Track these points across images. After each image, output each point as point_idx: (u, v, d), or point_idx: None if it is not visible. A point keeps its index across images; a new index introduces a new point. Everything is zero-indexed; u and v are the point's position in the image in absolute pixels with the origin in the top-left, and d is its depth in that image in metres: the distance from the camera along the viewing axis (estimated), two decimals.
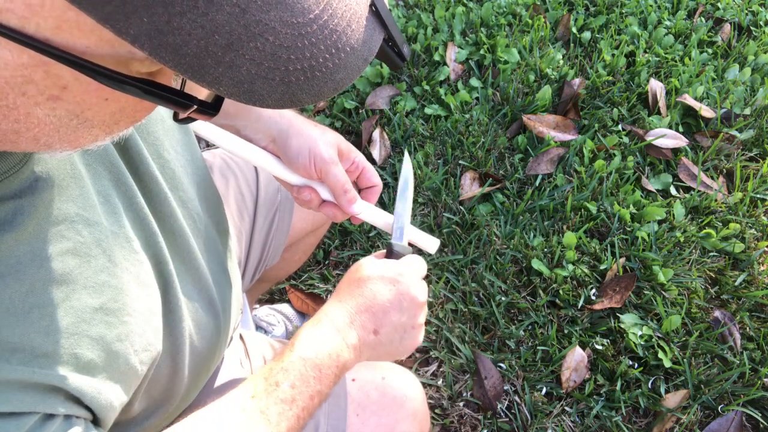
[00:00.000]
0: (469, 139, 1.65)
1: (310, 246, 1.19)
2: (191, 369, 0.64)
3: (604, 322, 1.38)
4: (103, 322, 0.48)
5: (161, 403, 0.63)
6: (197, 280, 0.65)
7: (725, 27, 1.99)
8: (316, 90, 0.34)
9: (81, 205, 0.48)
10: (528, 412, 1.30)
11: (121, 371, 0.50)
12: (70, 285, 0.46)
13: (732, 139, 1.69)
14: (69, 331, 0.45)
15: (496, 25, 1.90)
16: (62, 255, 0.46)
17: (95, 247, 0.49)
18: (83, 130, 0.36)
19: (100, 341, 0.47)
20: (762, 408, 1.29)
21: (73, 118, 0.35)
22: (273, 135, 0.74)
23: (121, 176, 0.54)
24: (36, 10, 0.28)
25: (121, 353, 0.49)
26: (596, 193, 1.58)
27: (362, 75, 1.76)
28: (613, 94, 1.76)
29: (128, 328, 0.50)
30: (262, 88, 0.32)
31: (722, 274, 1.47)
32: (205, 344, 0.66)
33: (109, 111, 0.36)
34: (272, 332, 1.36)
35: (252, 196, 0.98)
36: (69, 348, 0.45)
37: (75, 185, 0.48)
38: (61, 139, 0.37)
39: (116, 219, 0.52)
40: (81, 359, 0.46)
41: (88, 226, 0.48)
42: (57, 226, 0.46)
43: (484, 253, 1.48)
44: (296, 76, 0.32)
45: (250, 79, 0.31)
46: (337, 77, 0.34)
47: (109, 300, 0.49)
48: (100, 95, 0.34)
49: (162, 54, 0.28)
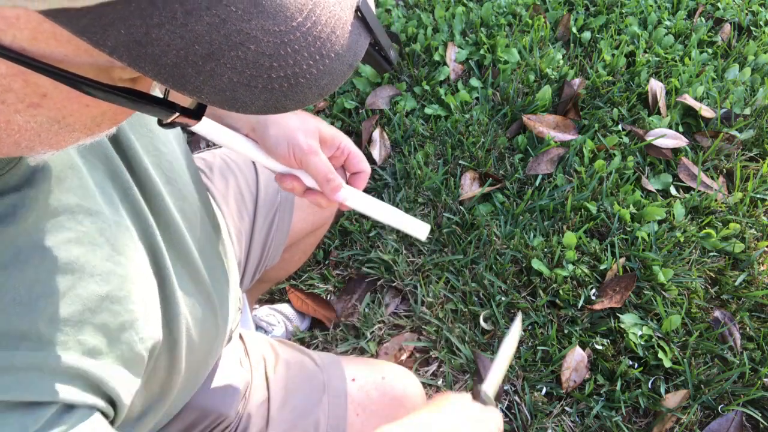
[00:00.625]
0: (469, 139, 1.65)
1: (310, 246, 1.19)
2: (188, 364, 0.64)
3: (604, 322, 1.38)
4: (107, 310, 0.48)
5: (158, 398, 0.63)
6: (193, 274, 0.65)
7: (725, 27, 1.99)
8: (300, 96, 0.34)
9: (81, 195, 0.48)
10: (528, 412, 1.30)
11: (125, 359, 0.50)
12: (76, 273, 0.46)
13: (732, 139, 1.69)
14: (74, 319, 0.45)
15: (496, 25, 1.90)
16: (65, 244, 0.46)
17: (99, 236, 0.49)
18: (64, 134, 0.36)
19: (104, 329, 0.47)
20: (762, 408, 1.29)
21: (54, 123, 0.35)
22: (252, 124, 0.73)
23: (116, 168, 0.54)
24: (12, 22, 0.28)
25: (124, 341, 0.49)
26: (596, 193, 1.58)
27: (362, 75, 1.76)
28: (613, 94, 1.76)
29: (132, 316, 0.50)
30: (244, 95, 0.32)
31: (722, 274, 1.47)
32: (203, 339, 0.66)
33: (90, 115, 0.36)
34: (272, 332, 1.36)
35: (252, 196, 0.98)
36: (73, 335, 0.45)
37: (74, 176, 0.49)
38: (42, 142, 0.37)
39: (115, 209, 0.53)
40: (85, 345, 0.46)
41: (90, 215, 0.49)
42: (57, 217, 0.46)
43: (484, 253, 1.48)
44: (279, 83, 0.32)
45: (232, 87, 0.31)
46: (322, 83, 0.34)
47: (116, 288, 0.49)
48: (81, 102, 0.34)
49: (141, 65, 0.28)
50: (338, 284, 1.49)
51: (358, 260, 1.51)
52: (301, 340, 1.41)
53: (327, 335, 1.41)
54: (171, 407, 0.69)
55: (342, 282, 1.50)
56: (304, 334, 1.41)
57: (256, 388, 0.86)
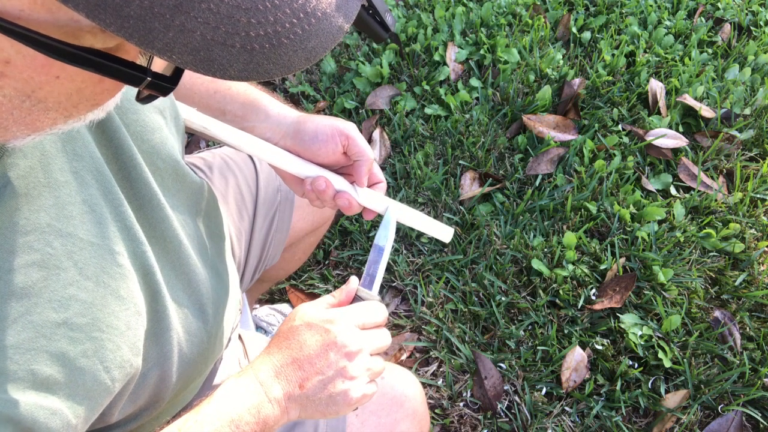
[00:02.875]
0: (469, 139, 1.65)
1: (310, 246, 1.19)
2: (180, 375, 0.63)
3: (604, 322, 1.38)
4: (66, 338, 0.46)
5: (146, 407, 0.62)
6: (188, 285, 0.64)
7: (725, 27, 1.99)
8: (285, 60, 0.31)
9: (54, 216, 0.47)
10: (528, 412, 1.30)
11: (87, 388, 0.48)
12: (32, 298, 0.44)
13: (732, 139, 1.69)
14: (25, 346, 0.43)
15: (496, 25, 1.90)
16: (26, 267, 0.44)
17: (66, 260, 0.47)
18: (38, 112, 0.34)
19: (62, 357, 0.45)
20: (762, 408, 1.29)
21: (24, 98, 0.33)
22: (283, 130, 0.74)
23: (107, 185, 0.53)
24: None
25: (87, 369, 0.47)
26: (596, 193, 1.58)
27: (362, 75, 1.76)
28: (613, 94, 1.76)
29: (97, 344, 0.48)
30: (221, 56, 0.29)
31: (722, 274, 1.47)
32: (194, 350, 0.65)
33: (64, 91, 0.34)
34: (272, 332, 1.36)
35: (252, 196, 0.98)
36: (25, 364, 0.43)
37: (49, 194, 0.47)
38: (16, 121, 0.35)
39: (101, 230, 0.51)
40: (38, 375, 0.43)
41: (60, 237, 0.47)
42: (25, 237, 0.44)
43: (484, 253, 1.48)
44: (260, 42, 0.29)
45: (206, 46, 0.28)
46: (309, 45, 0.31)
47: (76, 314, 0.47)
48: (49, 72, 0.32)
49: (101, 16, 0.26)
50: (338, 284, 1.49)
51: (358, 260, 1.51)
52: None
53: None
54: (163, 413, 0.69)
55: (342, 282, 1.50)
56: None
57: None
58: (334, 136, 0.71)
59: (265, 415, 0.59)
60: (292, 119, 0.74)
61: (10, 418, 0.42)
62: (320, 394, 0.61)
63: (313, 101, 1.79)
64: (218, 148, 1.03)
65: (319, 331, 0.62)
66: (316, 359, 0.61)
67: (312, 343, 0.62)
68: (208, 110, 0.75)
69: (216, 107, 0.76)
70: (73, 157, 0.50)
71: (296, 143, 0.73)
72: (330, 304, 0.68)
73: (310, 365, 0.61)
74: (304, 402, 0.61)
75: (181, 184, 0.67)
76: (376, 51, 1.84)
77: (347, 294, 0.69)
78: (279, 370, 0.61)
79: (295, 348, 0.62)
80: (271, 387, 0.60)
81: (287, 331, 0.64)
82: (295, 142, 0.73)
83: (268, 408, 0.59)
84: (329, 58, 1.82)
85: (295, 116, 0.75)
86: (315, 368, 0.61)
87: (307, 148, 0.72)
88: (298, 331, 0.63)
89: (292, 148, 0.74)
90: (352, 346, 0.62)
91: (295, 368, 0.61)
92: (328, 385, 0.61)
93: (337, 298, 0.68)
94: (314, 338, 0.62)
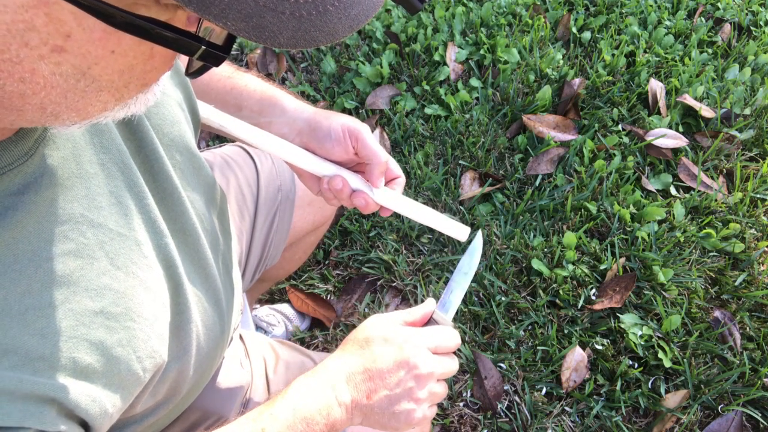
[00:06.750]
0: (469, 139, 1.65)
1: (310, 246, 1.19)
2: (196, 368, 0.64)
3: (604, 322, 1.38)
4: (103, 326, 0.47)
5: (164, 401, 0.63)
6: (206, 278, 0.65)
7: (725, 27, 1.99)
8: (330, 27, 0.32)
9: (86, 206, 0.47)
10: (528, 412, 1.30)
11: (122, 377, 0.48)
12: (71, 287, 0.45)
13: (732, 139, 1.69)
14: (67, 334, 0.43)
15: (496, 25, 1.90)
16: (64, 256, 0.45)
17: (98, 250, 0.48)
18: (91, 94, 0.35)
19: (100, 346, 0.46)
20: (762, 408, 1.29)
21: (80, 77, 0.34)
22: (299, 126, 0.73)
23: (132, 176, 0.53)
24: None
25: (122, 359, 0.48)
26: (596, 193, 1.58)
27: (362, 75, 1.76)
28: (613, 94, 1.76)
29: (131, 333, 0.49)
30: (272, 22, 0.30)
31: (722, 274, 1.47)
32: (211, 344, 0.66)
33: (117, 68, 0.35)
34: (272, 332, 1.36)
35: (252, 195, 0.98)
36: (67, 351, 0.43)
37: (81, 185, 0.48)
38: (69, 106, 0.35)
39: (127, 221, 0.51)
40: (79, 363, 0.44)
41: (92, 227, 0.47)
42: (61, 226, 0.45)
43: (484, 253, 1.48)
44: (307, 9, 0.31)
45: (258, 12, 0.30)
46: (352, 13, 0.33)
47: (110, 304, 0.48)
48: (106, 46, 0.33)
49: None
50: (338, 284, 1.49)
51: (358, 260, 1.51)
52: (301, 340, 1.41)
53: (327, 335, 1.41)
54: (175, 409, 0.69)
55: (342, 282, 1.50)
56: (304, 334, 1.41)
57: (256, 389, 0.86)
58: (345, 137, 0.71)
59: (333, 417, 0.61)
60: (308, 115, 0.74)
61: (54, 399, 0.42)
62: (385, 408, 0.63)
63: (313, 101, 1.79)
64: (219, 148, 1.03)
65: (394, 348, 0.64)
66: (387, 374, 0.63)
67: (386, 358, 0.63)
68: (225, 107, 0.75)
69: (233, 103, 0.76)
70: (101, 150, 0.51)
71: (311, 140, 0.73)
72: (405, 321, 0.69)
73: (380, 379, 0.63)
74: (368, 412, 0.63)
75: (198, 178, 0.67)
76: (376, 51, 1.84)
77: (423, 315, 0.71)
78: (350, 377, 0.63)
79: (368, 358, 0.64)
80: (342, 391, 0.62)
81: (363, 339, 0.66)
82: (310, 139, 0.73)
83: (336, 411, 0.61)
84: (329, 58, 1.83)
85: (311, 112, 0.74)
86: (384, 383, 0.63)
87: (322, 145, 0.72)
88: (374, 342, 0.65)
89: (308, 144, 0.73)
90: (423, 368, 0.64)
91: (365, 378, 0.63)
92: (394, 402, 0.63)
93: (412, 317, 0.70)
94: (388, 353, 0.64)
